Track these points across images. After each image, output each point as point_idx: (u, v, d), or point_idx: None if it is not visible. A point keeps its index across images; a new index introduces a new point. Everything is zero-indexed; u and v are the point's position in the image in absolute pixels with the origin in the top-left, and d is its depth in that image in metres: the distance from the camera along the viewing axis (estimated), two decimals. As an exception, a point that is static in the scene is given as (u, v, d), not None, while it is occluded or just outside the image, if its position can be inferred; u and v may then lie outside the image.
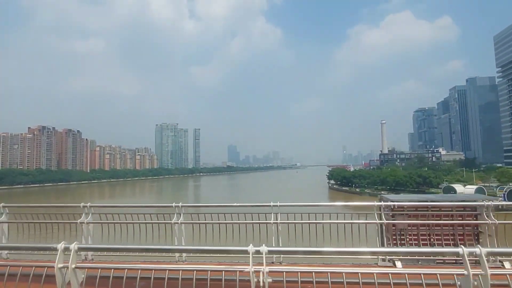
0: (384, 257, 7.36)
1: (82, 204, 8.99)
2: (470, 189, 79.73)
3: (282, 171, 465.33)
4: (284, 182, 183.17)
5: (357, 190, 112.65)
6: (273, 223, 8.32)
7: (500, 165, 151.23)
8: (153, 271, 4.75)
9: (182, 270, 4.85)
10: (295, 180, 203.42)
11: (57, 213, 9.86)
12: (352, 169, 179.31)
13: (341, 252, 5.08)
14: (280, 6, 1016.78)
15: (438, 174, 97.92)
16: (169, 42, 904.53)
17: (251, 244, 4.62)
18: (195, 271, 4.85)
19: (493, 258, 6.78)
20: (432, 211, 8.45)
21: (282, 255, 6.96)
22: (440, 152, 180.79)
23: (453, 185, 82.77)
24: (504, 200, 70.58)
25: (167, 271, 4.71)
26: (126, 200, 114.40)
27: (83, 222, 8.89)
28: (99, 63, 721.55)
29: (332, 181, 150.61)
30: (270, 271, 4.38)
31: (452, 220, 8.23)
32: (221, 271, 4.71)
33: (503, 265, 6.78)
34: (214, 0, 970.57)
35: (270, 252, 4.52)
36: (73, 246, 5.00)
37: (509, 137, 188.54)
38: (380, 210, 8.22)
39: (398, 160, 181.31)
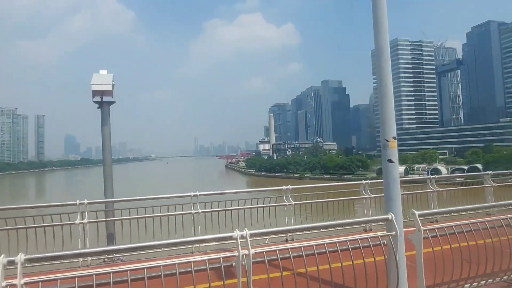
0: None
1: None
2: (400, 169, 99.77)
3: (142, 163, 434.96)
4: (191, 174, 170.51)
5: (295, 175, 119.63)
6: (195, 213, 8.94)
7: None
8: (94, 276, 4.17)
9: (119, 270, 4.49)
10: (187, 172, 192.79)
11: None
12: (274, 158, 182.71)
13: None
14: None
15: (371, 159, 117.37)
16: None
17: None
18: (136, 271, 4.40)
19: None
20: None
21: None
22: (322, 142, 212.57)
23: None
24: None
25: (111, 273, 4.21)
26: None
27: None
28: None
29: (249, 169, 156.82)
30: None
31: None
32: (174, 264, 4.36)
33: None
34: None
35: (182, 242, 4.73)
36: None
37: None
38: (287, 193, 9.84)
39: (289, 150, 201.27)
